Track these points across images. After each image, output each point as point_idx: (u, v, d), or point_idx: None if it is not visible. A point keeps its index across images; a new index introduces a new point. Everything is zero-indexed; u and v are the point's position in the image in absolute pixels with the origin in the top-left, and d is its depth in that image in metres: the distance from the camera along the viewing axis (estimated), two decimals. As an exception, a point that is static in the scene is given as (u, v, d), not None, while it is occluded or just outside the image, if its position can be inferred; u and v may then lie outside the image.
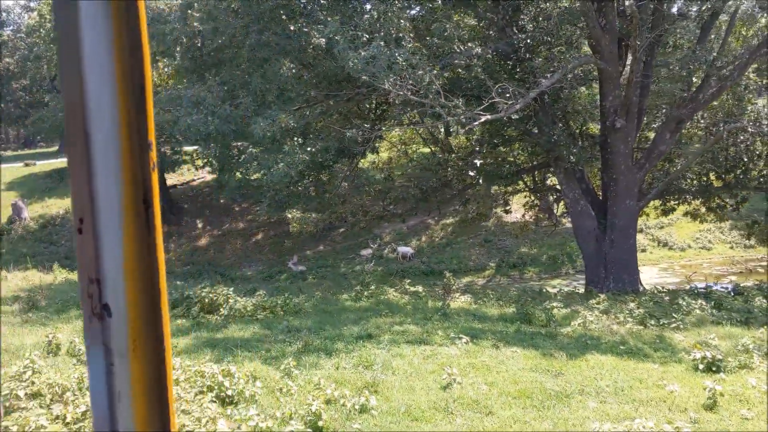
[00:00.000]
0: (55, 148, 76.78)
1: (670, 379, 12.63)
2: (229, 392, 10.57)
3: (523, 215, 38.16)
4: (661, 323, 17.39)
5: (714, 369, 13.21)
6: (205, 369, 10.91)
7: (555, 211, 45.38)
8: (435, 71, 20.37)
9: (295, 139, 20.89)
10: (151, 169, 1.55)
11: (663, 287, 27.87)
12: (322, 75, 22.11)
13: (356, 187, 29.29)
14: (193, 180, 58.84)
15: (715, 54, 25.32)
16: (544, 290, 27.15)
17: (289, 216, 30.22)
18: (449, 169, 29.65)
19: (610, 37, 25.68)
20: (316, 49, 20.59)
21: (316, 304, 19.83)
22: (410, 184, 31.10)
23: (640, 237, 44.97)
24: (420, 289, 23.92)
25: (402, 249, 42.91)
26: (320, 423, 9.91)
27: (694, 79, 26.56)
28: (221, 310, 17.73)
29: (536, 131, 27.11)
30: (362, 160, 29.66)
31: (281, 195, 26.98)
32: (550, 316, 17.55)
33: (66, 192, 56.63)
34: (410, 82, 19.39)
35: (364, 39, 19.02)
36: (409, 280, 27.26)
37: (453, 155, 29.44)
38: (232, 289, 19.11)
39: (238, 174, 46.13)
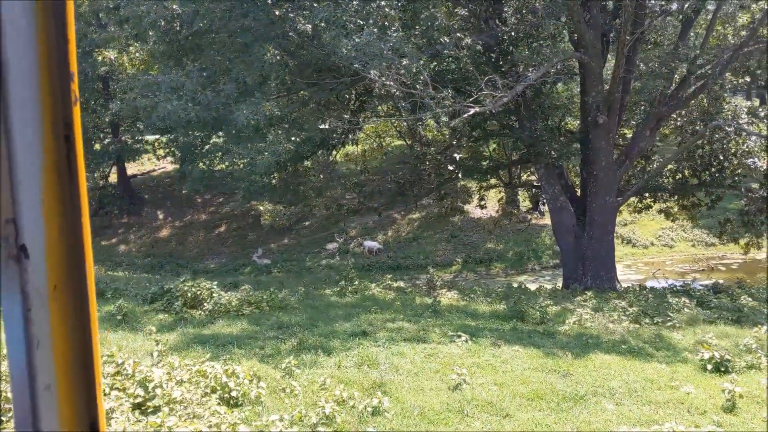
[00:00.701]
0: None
1: (681, 380, 12.30)
2: (234, 393, 9.96)
3: (497, 211, 37.87)
4: (655, 322, 17.13)
5: (723, 369, 12.92)
6: (207, 369, 10.27)
7: (537, 206, 45.25)
8: (422, 61, 19.83)
9: (279, 128, 20.22)
10: (73, 102, 1.46)
11: (640, 284, 27.81)
12: (305, 63, 21.45)
13: (331, 179, 28.65)
14: (154, 170, 57.62)
15: (697, 52, 25.15)
16: (523, 286, 26.83)
17: (261, 208, 29.41)
18: (427, 162, 29.17)
19: (594, 32, 25.43)
20: (301, 36, 19.90)
21: (301, 299, 19.20)
22: (386, 177, 30.60)
23: (604, 234, 45.15)
24: (402, 284, 23.45)
25: (368, 243, 42.41)
26: (335, 426, 9.36)
27: (676, 77, 26.36)
28: (205, 305, 17.04)
29: (517, 126, 26.78)
30: (334, 153, 29.00)
31: (256, 186, 26.27)
32: (544, 313, 17.16)
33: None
34: (401, 71, 18.83)
35: (354, 26, 18.40)
36: (390, 275, 26.76)
37: (432, 149, 28.91)
38: (216, 283, 18.38)
39: (201, 164, 45.34)
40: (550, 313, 17.81)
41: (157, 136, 50.13)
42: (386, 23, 18.68)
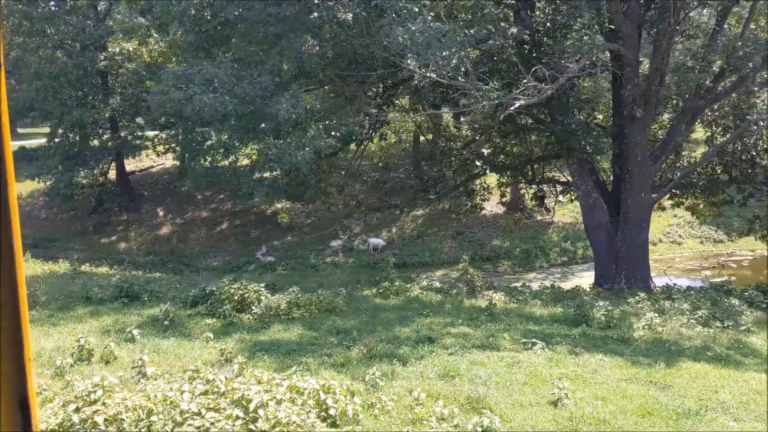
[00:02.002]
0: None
1: (790, 392, 11.44)
2: (331, 411, 9.01)
3: (521, 208, 37.04)
4: (726, 325, 16.29)
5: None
6: (300, 384, 9.31)
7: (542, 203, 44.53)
8: (465, 52, 18.90)
9: (319, 122, 19.25)
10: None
11: (675, 284, 27.05)
12: (341, 54, 20.49)
13: (352, 175, 27.70)
14: (152, 166, 56.50)
15: (739, 43, 24.33)
16: (556, 285, 25.99)
17: (279, 206, 28.42)
18: (452, 158, 28.25)
19: (631, 23, 24.63)
20: (341, 26, 18.93)
21: (346, 301, 18.23)
22: (408, 174, 29.69)
23: (611, 231, 44.48)
24: (437, 284, 22.55)
25: (373, 240, 41.67)
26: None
27: (714, 69, 25.53)
28: (253, 308, 16.06)
29: (548, 120, 25.96)
30: (361, 148, 28.01)
31: (279, 183, 25.32)
32: (610, 317, 16.27)
33: (16, 177, 53.82)
34: (452, 62, 17.89)
35: (408, 14, 17.43)
36: (414, 275, 25.85)
37: (458, 143, 27.99)
38: (264, 285, 17.38)
39: (203, 161, 44.24)
40: (614, 317, 16.90)
41: (157, 132, 49.14)
42: (438, 12, 17.69)
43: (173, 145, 49.14)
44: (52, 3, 47.90)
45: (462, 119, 21.04)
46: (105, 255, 42.70)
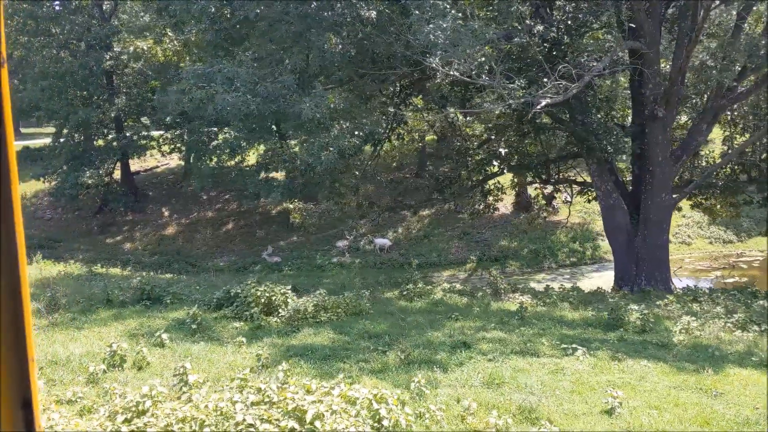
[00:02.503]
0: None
1: None
2: (385, 422, 8.64)
3: (538, 208, 36.70)
4: (763, 329, 15.91)
5: None
6: (352, 393, 8.94)
7: (550, 202, 44.29)
8: (494, 50, 18.54)
9: (342, 122, 18.89)
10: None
11: (696, 286, 26.73)
12: (363, 52, 20.12)
13: (365, 176, 27.32)
14: (157, 166, 56.13)
15: (763, 41, 23.99)
16: (575, 286, 25.60)
17: (291, 207, 28.06)
18: (468, 158, 27.87)
19: (653, 22, 24.28)
20: (364, 23, 18.55)
21: (371, 303, 17.85)
22: (422, 174, 29.31)
23: (620, 232, 44.14)
24: (458, 285, 22.18)
25: (379, 240, 41.36)
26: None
27: (737, 68, 25.17)
28: (281, 311, 15.68)
29: (567, 119, 25.60)
30: (379, 148, 27.61)
31: (294, 184, 24.97)
32: (646, 321, 15.88)
33: (20, 177, 53.44)
34: (482, 59, 17.53)
35: (436, 11, 17.04)
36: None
37: (474, 143, 27.61)
38: (290, 287, 16.99)
39: (209, 161, 43.85)
40: (649, 321, 16.52)
41: (162, 132, 48.79)
42: (464, 10, 17.30)
43: (178, 144, 48.86)
44: (57, 3, 47.62)
45: (469, 118, 20.65)
46: (110, 255, 42.33)
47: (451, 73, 18.86)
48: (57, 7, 47.30)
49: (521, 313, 16.81)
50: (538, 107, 19.01)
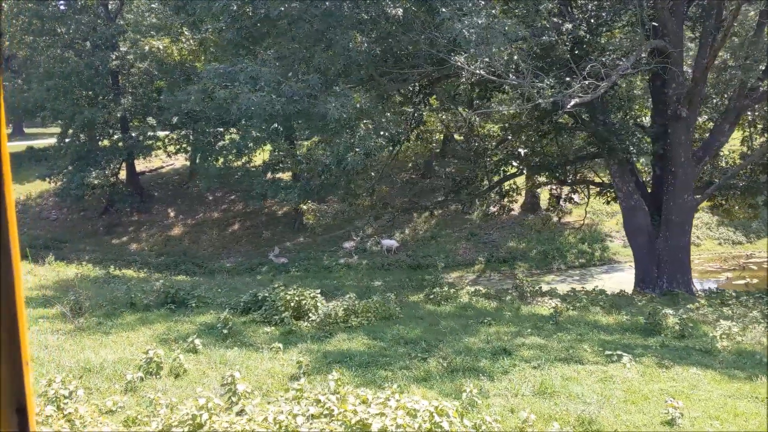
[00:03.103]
0: (7, 131, 72.21)
1: None
2: (446, 436, 8.25)
3: (553, 209, 36.37)
4: (805, 334, 15.55)
5: None
6: (411, 405, 8.54)
7: (558, 203, 44.00)
8: (524, 48, 18.17)
9: (368, 122, 18.52)
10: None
11: (718, 288, 26.42)
12: (387, 51, 19.74)
13: (381, 176, 26.95)
14: (162, 167, 55.76)
15: (789, 41, 23.66)
16: (597, 288, 25.21)
17: (304, 207, 27.67)
18: (487, 158, 27.49)
19: (677, 20, 23.94)
20: (390, 21, 18.17)
21: (400, 308, 17.43)
22: (439, 175, 28.96)
23: (630, 233, 43.81)
24: (482, 288, 21.80)
25: (386, 241, 41.06)
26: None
27: (761, 67, 24.82)
28: (311, 315, 15.29)
29: (587, 119, 25.25)
30: (398, 148, 27.20)
31: (312, 185, 24.57)
32: (684, 326, 15.50)
33: (25, 177, 53.09)
34: (514, 57, 17.16)
35: (468, 8, 16.64)
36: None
37: (493, 143, 27.23)
38: (320, 291, 16.59)
39: (216, 162, 43.49)
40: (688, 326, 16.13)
41: (167, 132, 48.44)
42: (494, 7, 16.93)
43: (184, 145, 48.51)
44: (62, 2, 47.27)
45: (483, 118, 20.30)
46: (117, 256, 42.03)
47: (477, 72, 18.49)
48: (62, 7, 46.95)
49: (556, 317, 16.44)
50: (568, 106, 18.64)
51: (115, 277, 21.78)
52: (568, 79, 19.06)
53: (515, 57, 17.52)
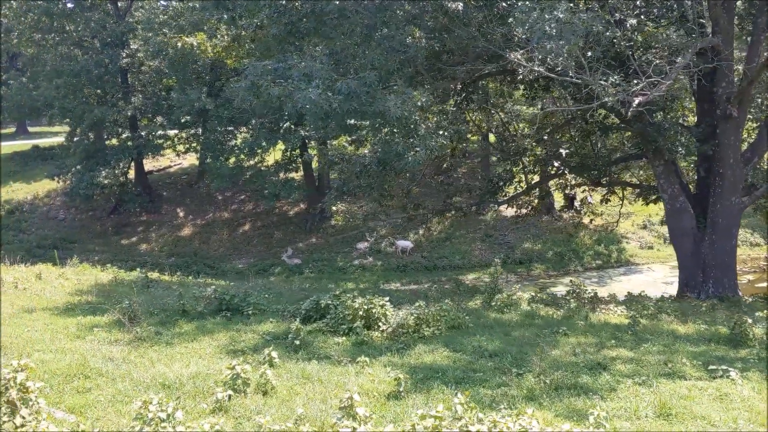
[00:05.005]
0: (11, 130, 71.29)
1: None
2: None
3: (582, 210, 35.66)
4: None
5: None
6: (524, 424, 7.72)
7: (572, 204, 43.50)
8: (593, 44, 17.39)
9: (429, 120, 17.73)
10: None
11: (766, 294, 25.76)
12: (443, 46, 18.95)
13: (413, 177, 26.18)
14: (170, 166, 55.02)
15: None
16: (644, 293, 24.48)
17: (334, 209, 26.91)
18: (525, 159, 26.73)
19: (728, 17, 23.21)
20: (449, 15, 17.36)
21: (462, 315, 16.56)
22: (474, 175, 28.20)
23: (644, 233, 43.29)
24: (533, 293, 21.01)
25: (401, 242, 40.54)
26: None
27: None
28: (380, 324, 14.45)
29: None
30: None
31: (349, 186, 23.81)
32: (774, 336, 14.75)
33: (32, 176, 52.20)
34: (588, 53, 16.37)
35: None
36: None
37: (533, 142, 26.46)
38: (387, 298, 15.69)
39: (227, 161, 42.70)
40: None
41: (176, 131, 47.66)
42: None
43: (194, 144, 47.78)
44: (69, 1, 46.58)
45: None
46: (127, 257, 41.38)
47: (537, 69, 17.71)
48: (69, 5, 46.23)
49: (634, 327, 15.64)
50: (634, 104, 17.87)
51: (152, 281, 20.87)
52: (614, 77, 18.32)
53: (588, 53, 16.68)
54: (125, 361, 11.92)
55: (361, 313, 14.38)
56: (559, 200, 44.09)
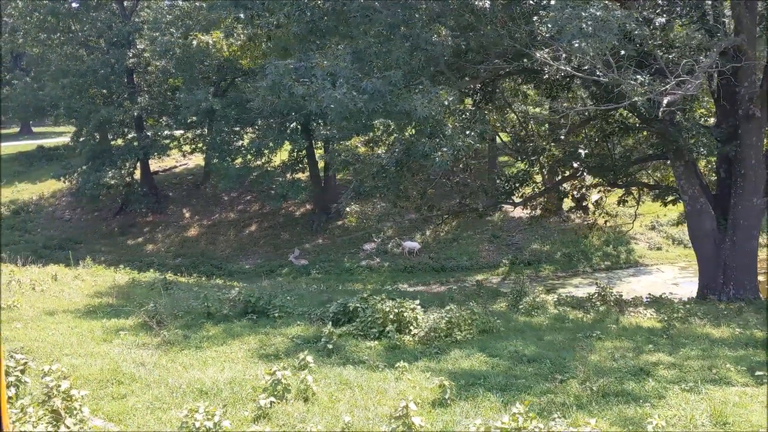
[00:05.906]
0: (15, 130, 70.95)
1: None
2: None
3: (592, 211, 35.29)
4: None
5: None
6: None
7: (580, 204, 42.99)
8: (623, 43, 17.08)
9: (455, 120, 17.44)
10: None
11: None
12: (469, 44, 18.65)
13: (429, 178, 25.89)
14: (176, 166, 54.72)
15: None
16: (666, 295, 24.15)
17: (348, 210, 26.61)
18: (542, 159, 26.43)
19: (751, 16, 22.91)
20: (475, 14, 17.06)
21: (492, 319, 16.23)
22: (491, 175, 27.91)
23: (653, 234, 42.96)
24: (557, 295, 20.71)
25: (408, 244, 40.30)
26: None
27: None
28: (411, 328, 14.14)
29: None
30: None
31: (366, 186, 23.52)
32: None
33: (37, 176, 51.90)
34: (622, 51, 16.09)
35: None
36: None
37: (552, 143, 26.15)
38: (418, 301, 15.34)
39: (234, 161, 42.41)
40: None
41: (182, 132, 47.42)
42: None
43: (200, 144, 47.54)
44: (74, 1, 46.34)
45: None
46: (133, 257, 41.04)
47: (564, 67, 17.43)
48: (75, 5, 45.98)
49: (669, 331, 15.34)
50: (664, 104, 17.57)
51: (171, 283, 20.55)
52: (639, 77, 18.01)
53: (621, 52, 16.38)
54: (157, 366, 11.61)
55: (392, 316, 14.06)
56: (567, 201, 43.63)
